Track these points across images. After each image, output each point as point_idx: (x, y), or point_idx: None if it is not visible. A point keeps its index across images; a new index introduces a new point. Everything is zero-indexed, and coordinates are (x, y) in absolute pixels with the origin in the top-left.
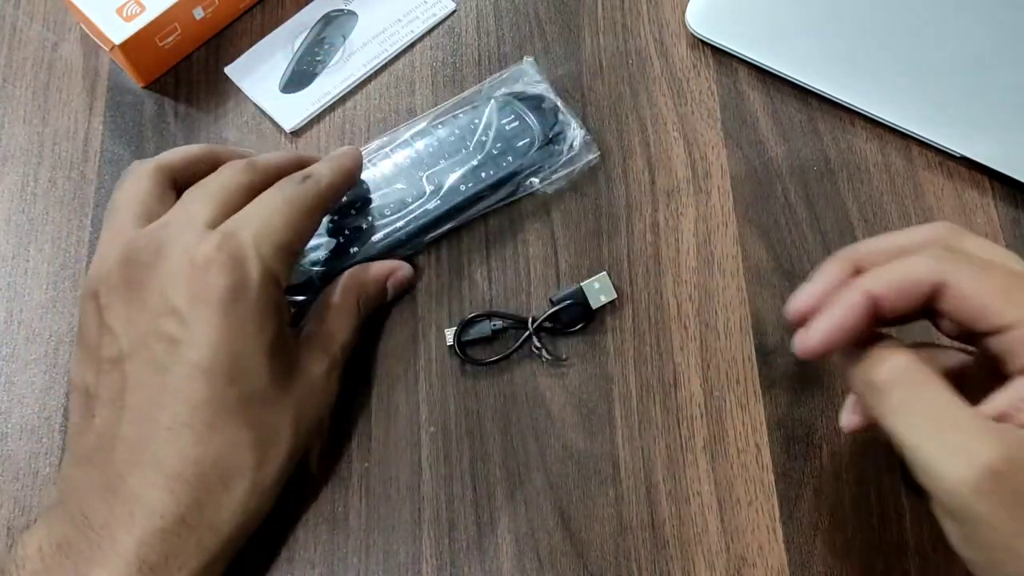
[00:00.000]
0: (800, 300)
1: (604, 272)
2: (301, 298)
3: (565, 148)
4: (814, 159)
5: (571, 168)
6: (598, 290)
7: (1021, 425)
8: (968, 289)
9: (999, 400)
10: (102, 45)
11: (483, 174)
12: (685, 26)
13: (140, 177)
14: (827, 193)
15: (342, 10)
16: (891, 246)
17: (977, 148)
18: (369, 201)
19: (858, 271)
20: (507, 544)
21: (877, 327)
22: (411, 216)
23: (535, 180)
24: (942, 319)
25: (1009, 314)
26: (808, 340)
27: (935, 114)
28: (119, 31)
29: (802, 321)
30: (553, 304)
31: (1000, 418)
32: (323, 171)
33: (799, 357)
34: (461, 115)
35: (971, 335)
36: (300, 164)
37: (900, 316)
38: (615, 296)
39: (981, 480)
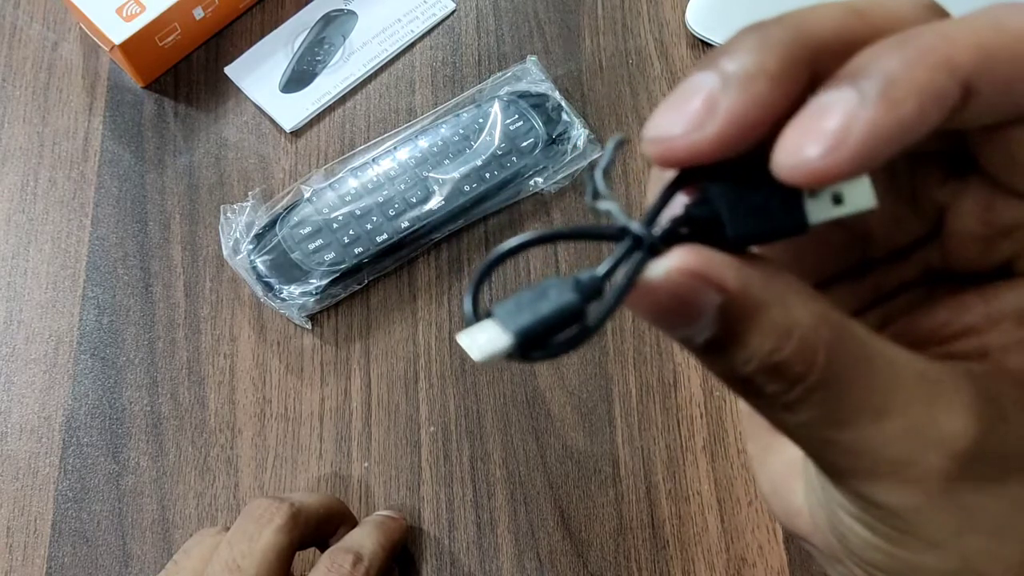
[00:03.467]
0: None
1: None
2: (313, 298)
3: (569, 148)
4: None
5: (574, 168)
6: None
7: (983, 355)
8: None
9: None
10: (102, 45)
11: (487, 175)
12: (685, 26)
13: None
14: None
15: (342, 10)
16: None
17: None
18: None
19: (814, 76)
20: (507, 544)
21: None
22: (414, 216)
23: (539, 180)
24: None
25: None
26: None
27: None
28: (119, 31)
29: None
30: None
31: (966, 347)
32: (375, 550)
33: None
34: (464, 113)
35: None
36: (339, 516)
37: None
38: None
39: (949, 474)
